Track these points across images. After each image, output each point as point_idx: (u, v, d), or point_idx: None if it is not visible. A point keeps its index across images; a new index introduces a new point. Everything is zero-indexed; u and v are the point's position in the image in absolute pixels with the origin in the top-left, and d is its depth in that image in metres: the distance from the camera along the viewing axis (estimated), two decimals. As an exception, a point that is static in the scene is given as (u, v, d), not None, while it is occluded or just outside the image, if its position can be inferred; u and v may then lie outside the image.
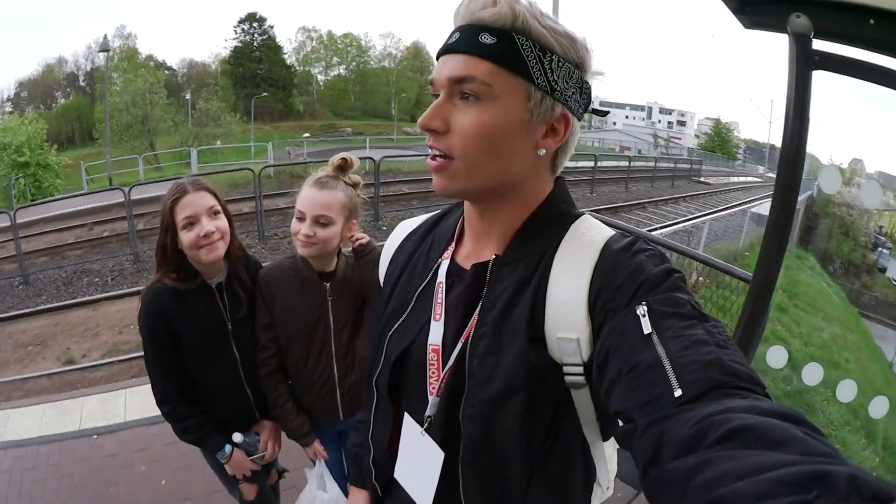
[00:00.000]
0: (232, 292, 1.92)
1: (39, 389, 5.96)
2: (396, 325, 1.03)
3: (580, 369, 0.83)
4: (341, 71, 58.99)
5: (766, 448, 0.47)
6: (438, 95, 0.86)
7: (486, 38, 0.80)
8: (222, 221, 1.81)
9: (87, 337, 7.71)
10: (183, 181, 1.81)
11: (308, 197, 1.82)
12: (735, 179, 38.73)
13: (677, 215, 17.56)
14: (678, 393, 0.62)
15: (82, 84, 44.85)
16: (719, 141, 59.51)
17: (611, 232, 0.89)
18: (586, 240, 0.88)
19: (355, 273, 1.98)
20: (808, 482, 0.40)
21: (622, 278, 0.78)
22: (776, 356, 2.56)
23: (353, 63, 58.57)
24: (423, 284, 1.01)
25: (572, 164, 25.32)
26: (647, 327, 0.70)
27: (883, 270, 28.89)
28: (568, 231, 0.91)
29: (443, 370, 0.94)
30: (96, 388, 4.76)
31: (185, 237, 1.74)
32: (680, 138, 65.70)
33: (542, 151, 0.87)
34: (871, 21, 1.45)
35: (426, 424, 0.97)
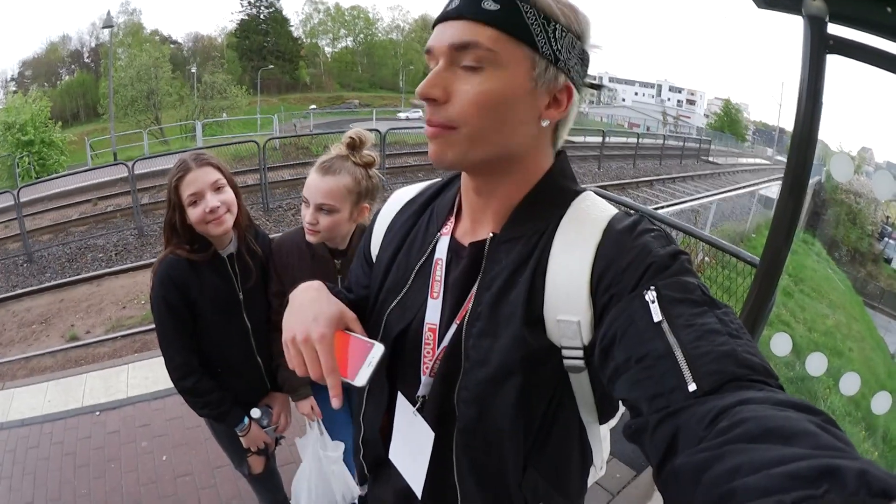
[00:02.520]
0: (242, 262, 1.93)
1: (43, 367, 6.01)
2: (395, 302, 0.99)
3: (580, 353, 0.81)
4: (349, 43, 59.05)
5: (778, 442, 0.47)
6: (436, 65, 0.82)
7: (490, 5, 0.77)
8: (228, 195, 1.80)
9: (91, 313, 7.77)
10: (185, 157, 1.79)
11: (311, 184, 1.80)
12: (744, 161, 38.67)
13: (685, 194, 17.54)
14: (692, 387, 0.60)
15: (87, 61, 44.89)
16: (729, 121, 59.22)
17: (614, 210, 0.87)
18: (588, 218, 0.85)
19: None
20: (817, 476, 0.40)
21: (628, 260, 0.76)
22: (780, 343, 2.54)
23: (361, 35, 58.55)
24: (423, 260, 0.98)
25: (580, 138, 25.14)
26: (657, 314, 0.68)
27: (889, 261, 28.89)
28: (569, 208, 0.88)
29: (437, 350, 0.93)
30: (99, 365, 4.77)
31: (193, 213, 1.75)
32: (689, 117, 65.35)
33: (546, 122, 0.84)
34: (889, 8, 1.41)
35: (418, 404, 0.96)
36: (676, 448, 0.57)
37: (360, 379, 0.85)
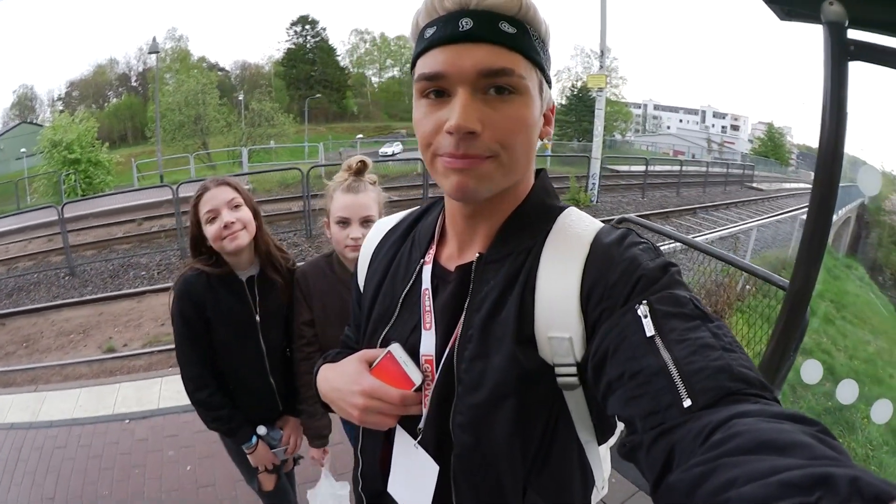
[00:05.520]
0: (264, 286, 1.98)
1: (78, 375, 6.12)
2: (385, 332, 0.98)
3: (573, 369, 0.80)
4: (395, 73, 59.55)
5: (772, 454, 0.47)
6: (441, 92, 0.78)
7: (507, 28, 0.75)
8: (244, 213, 1.87)
9: (130, 327, 7.90)
10: (206, 180, 1.91)
11: (348, 202, 1.86)
12: (788, 185, 37.84)
13: (728, 221, 17.15)
14: (687, 403, 0.60)
15: (134, 84, 46.45)
16: (772, 146, 58.08)
17: (599, 224, 0.86)
18: (574, 233, 0.84)
19: None
20: (810, 484, 0.40)
21: (617, 273, 0.75)
22: (811, 371, 2.47)
23: (407, 66, 58.59)
24: (407, 288, 0.97)
25: (624, 168, 24.93)
26: (649, 329, 0.67)
27: (931, 281, 27.77)
28: (554, 224, 0.87)
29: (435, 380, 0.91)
30: (133, 376, 4.88)
31: (209, 230, 1.84)
32: (733, 143, 64.16)
33: (544, 141, 0.85)
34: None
35: (419, 437, 0.94)
36: (672, 464, 0.57)
37: (416, 378, 0.90)
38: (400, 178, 18.96)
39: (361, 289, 1.12)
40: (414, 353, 0.93)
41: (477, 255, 0.89)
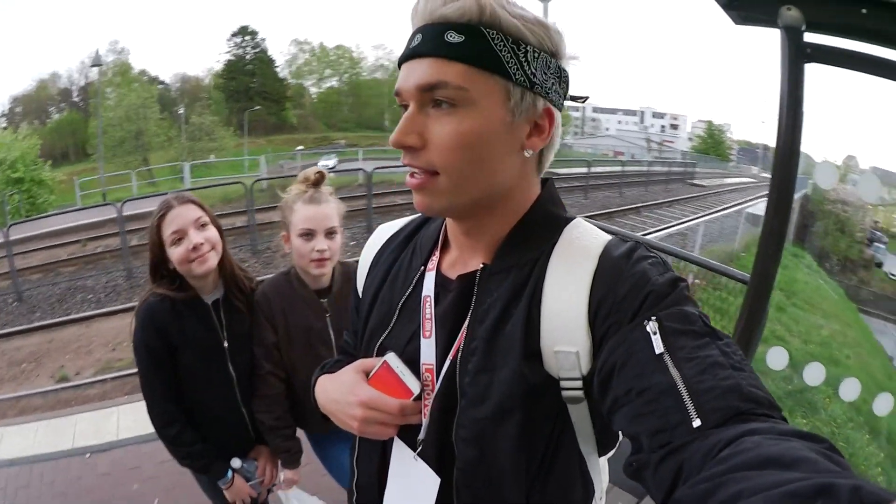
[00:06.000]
0: (229, 310, 1.87)
1: (34, 407, 5.94)
2: (382, 339, 0.96)
3: (579, 383, 0.78)
4: (334, 83, 59.17)
5: (778, 469, 0.46)
6: (406, 107, 0.78)
7: (453, 37, 0.73)
8: (211, 232, 1.76)
9: (81, 354, 7.71)
10: (168, 197, 1.76)
11: (311, 214, 1.80)
12: (729, 181, 39.19)
13: (672, 218, 17.66)
14: (697, 423, 0.59)
15: (76, 99, 45.12)
16: (712, 143, 60.09)
17: (607, 237, 0.84)
18: (581, 246, 0.82)
19: (350, 284, 1.97)
20: (813, 494, 0.41)
21: (626, 288, 0.73)
22: (777, 357, 2.52)
23: (346, 75, 58.70)
24: (406, 296, 0.95)
25: (565, 170, 25.40)
26: (658, 346, 0.66)
27: (880, 265, 29.15)
28: (560, 236, 0.84)
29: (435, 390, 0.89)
30: (89, 406, 4.74)
31: (175, 253, 1.70)
32: (673, 142, 65.99)
33: (529, 152, 0.81)
34: (864, 10, 1.42)
35: (419, 448, 0.92)
36: (679, 483, 0.57)
37: (414, 387, 0.89)
38: (341, 188, 18.75)
39: (360, 294, 1.09)
40: (412, 362, 0.91)
41: (481, 265, 0.87)
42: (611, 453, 1.00)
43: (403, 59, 0.79)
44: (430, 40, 0.75)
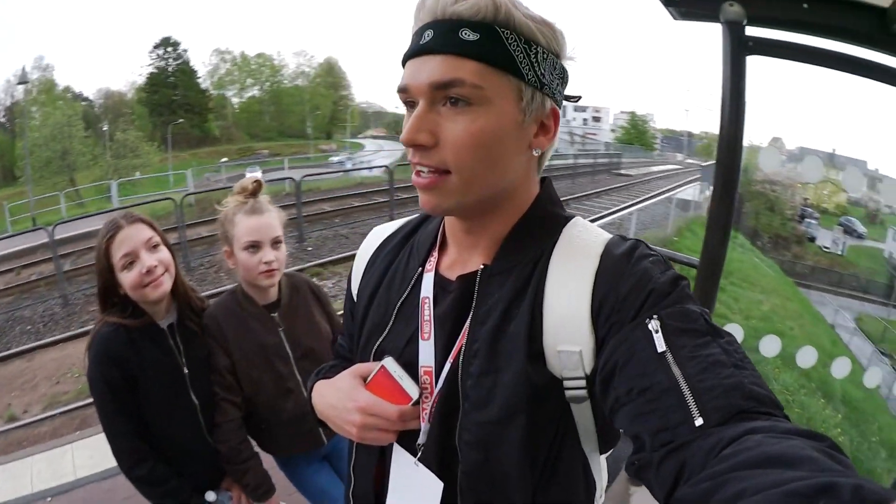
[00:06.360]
0: (185, 333, 1.77)
1: (-13, 450, 5.60)
2: (379, 342, 0.94)
3: (582, 383, 0.78)
4: (255, 92, 58.54)
5: (780, 468, 0.47)
6: (411, 104, 0.78)
7: (468, 35, 0.73)
8: (164, 254, 1.67)
9: (27, 390, 7.32)
10: (115, 216, 1.64)
11: (255, 225, 1.76)
12: (655, 169, 40.29)
13: (602, 209, 17.81)
14: (699, 422, 0.59)
15: (1, 120, 42.70)
16: (636, 133, 61.86)
17: (608, 235, 0.84)
18: (582, 244, 0.82)
19: (299, 295, 1.95)
20: (814, 493, 0.41)
21: (628, 286, 0.73)
22: (735, 335, 2.60)
23: (267, 83, 58.17)
24: (403, 297, 0.94)
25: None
26: (660, 345, 0.66)
27: (813, 240, 30.49)
28: (560, 235, 0.85)
29: (436, 393, 0.88)
30: (43, 446, 4.49)
31: (127, 278, 1.59)
32: (595, 134, 67.31)
33: (538, 151, 0.82)
34: (805, 5, 1.47)
35: (419, 453, 0.90)
36: (681, 481, 0.57)
37: (413, 392, 0.87)
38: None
39: (355, 297, 1.07)
40: (410, 365, 0.90)
41: (481, 266, 0.87)
42: (611, 451, 1.01)
43: (411, 55, 0.77)
44: (443, 37, 0.74)
